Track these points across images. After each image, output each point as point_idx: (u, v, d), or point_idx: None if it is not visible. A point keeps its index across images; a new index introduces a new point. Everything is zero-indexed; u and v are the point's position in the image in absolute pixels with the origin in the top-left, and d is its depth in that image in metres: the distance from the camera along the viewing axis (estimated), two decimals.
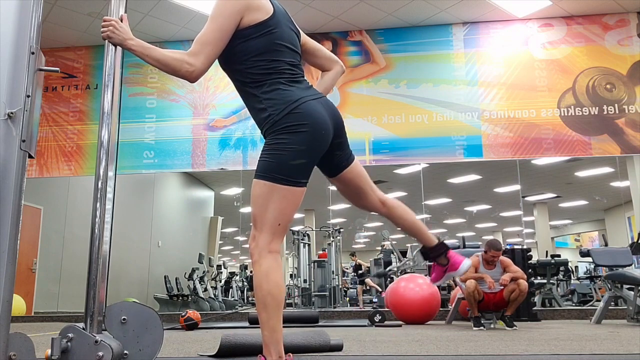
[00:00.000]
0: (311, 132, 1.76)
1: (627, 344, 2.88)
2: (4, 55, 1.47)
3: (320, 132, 1.79)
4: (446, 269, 2.10)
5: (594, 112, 6.78)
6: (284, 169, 1.74)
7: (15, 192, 1.44)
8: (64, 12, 6.80)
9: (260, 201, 1.76)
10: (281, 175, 1.74)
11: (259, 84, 1.81)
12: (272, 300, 1.70)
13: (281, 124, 1.76)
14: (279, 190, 1.74)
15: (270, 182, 1.74)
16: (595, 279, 9.23)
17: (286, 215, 1.77)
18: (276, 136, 1.76)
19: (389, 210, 2.07)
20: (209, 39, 1.75)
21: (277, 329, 1.71)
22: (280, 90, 1.80)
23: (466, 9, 6.89)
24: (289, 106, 1.77)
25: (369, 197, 2.05)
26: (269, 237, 1.75)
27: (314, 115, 1.78)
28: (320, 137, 1.79)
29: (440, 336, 3.63)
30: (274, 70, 1.82)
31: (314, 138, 1.77)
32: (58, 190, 8.82)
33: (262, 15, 1.82)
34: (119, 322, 1.73)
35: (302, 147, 1.75)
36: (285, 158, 1.74)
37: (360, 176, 2.03)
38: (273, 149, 1.76)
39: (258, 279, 1.72)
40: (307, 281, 9.47)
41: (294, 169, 1.75)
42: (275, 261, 1.75)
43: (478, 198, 13.03)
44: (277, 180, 1.74)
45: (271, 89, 1.80)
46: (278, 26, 1.86)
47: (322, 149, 1.82)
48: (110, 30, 1.79)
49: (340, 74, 2.15)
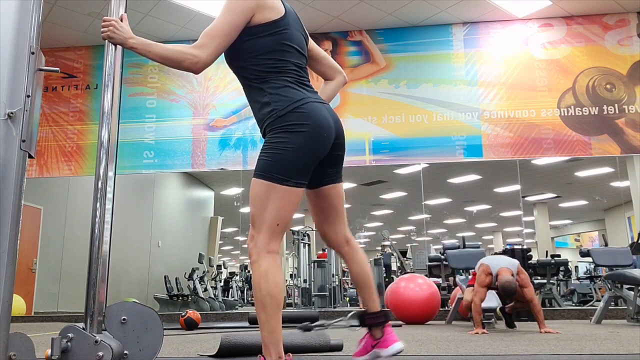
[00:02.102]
0: (313, 132, 1.75)
1: (627, 344, 2.88)
2: (4, 55, 1.47)
3: (322, 135, 1.78)
4: (376, 344, 1.91)
5: (594, 112, 6.78)
6: (283, 169, 1.72)
7: (15, 192, 1.43)
8: (64, 12, 6.80)
9: (259, 201, 1.74)
10: (280, 175, 1.72)
11: (265, 81, 1.81)
12: (271, 300, 1.69)
13: (283, 121, 1.75)
14: (278, 190, 1.73)
15: (269, 182, 1.73)
16: (595, 279, 9.24)
17: (285, 216, 1.76)
18: (277, 134, 1.75)
19: (350, 250, 1.97)
20: (218, 33, 1.75)
21: (276, 329, 1.70)
22: (286, 88, 1.79)
23: (466, 9, 6.89)
24: (293, 104, 1.76)
25: (338, 226, 1.97)
26: (267, 237, 1.74)
27: (317, 117, 1.77)
28: (322, 139, 1.78)
29: (440, 336, 3.63)
30: (281, 69, 1.82)
31: (315, 139, 1.76)
32: (58, 190, 8.82)
33: (274, 15, 1.82)
34: (119, 322, 1.73)
35: (302, 147, 1.73)
36: (285, 157, 1.72)
37: (340, 198, 1.98)
38: (273, 148, 1.74)
39: (257, 280, 1.71)
40: (307, 281, 9.47)
41: (293, 169, 1.73)
42: (274, 261, 1.74)
43: (478, 198, 13.03)
44: (276, 180, 1.72)
45: (277, 85, 1.80)
46: (288, 27, 1.86)
47: (322, 152, 1.80)
48: (111, 30, 1.79)
49: (343, 85, 2.14)
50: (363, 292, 1.96)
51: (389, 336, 1.91)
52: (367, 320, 1.93)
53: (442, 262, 6.87)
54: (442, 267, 6.93)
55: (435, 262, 7.08)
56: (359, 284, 1.96)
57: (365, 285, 1.95)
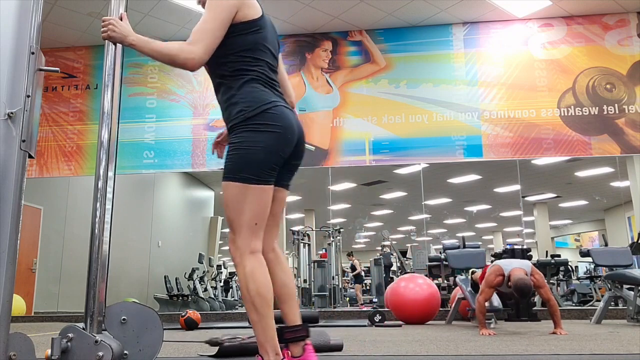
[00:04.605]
0: (282, 133, 1.78)
1: (627, 344, 2.88)
2: (4, 55, 1.47)
3: (289, 137, 1.81)
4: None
5: (594, 112, 6.78)
6: (253, 168, 1.74)
7: (15, 192, 1.43)
8: (64, 12, 6.80)
9: (235, 204, 1.75)
10: (252, 175, 1.74)
11: (238, 78, 1.82)
12: (261, 300, 1.69)
13: (252, 121, 1.76)
14: (252, 190, 1.74)
15: (242, 183, 1.74)
16: (595, 279, 9.23)
17: (262, 214, 1.77)
18: (244, 133, 1.76)
19: (275, 258, 1.90)
20: (208, 28, 1.76)
21: (269, 326, 1.70)
22: (256, 89, 1.82)
23: (466, 9, 6.88)
24: (263, 105, 1.78)
25: (270, 231, 1.91)
26: (248, 237, 1.74)
27: (286, 120, 1.80)
28: (289, 141, 1.81)
29: (440, 336, 3.63)
30: (255, 68, 1.84)
31: (283, 140, 1.78)
32: (58, 190, 8.82)
33: (254, 14, 1.86)
34: (119, 322, 1.73)
35: (271, 147, 1.75)
36: (255, 157, 1.74)
37: (282, 205, 1.96)
38: (241, 148, 1.75)
39: (244, 281, 1.71)
40: (307, 281, 9.47)
41: (263, 168, 1.75)
42: (258, 260, 1.74)
43: (478, 198, 13.03)
44: (248, 180, 1.74)
45: (248, 85, 1.82)
46: (265, 28, 1.90)
47: (286, 154, 1.82)
48: (110, 29, 1.79)
49: None
50: (284, 304, 1.85)
51: (309, 355, 1.77)
52: (285, 334, 1.77)
53: (442, 262, 6.87)
54: (442, 267, 6.92)
55: (435, 262, 7.08)
56: (281, 295, 1.85)
57: (288, 297, 1.86)
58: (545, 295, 3.98)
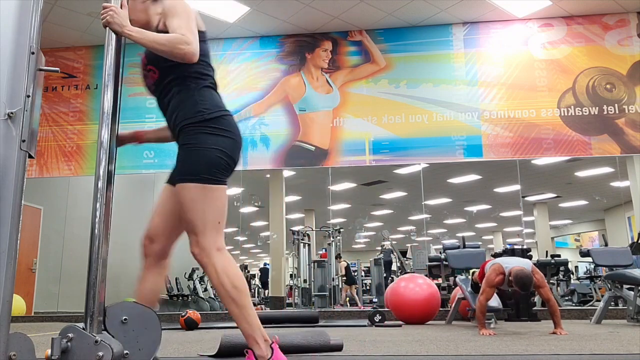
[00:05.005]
0: (237, 141, 1.85)
1: (627, 344, 2.88)
2: (4, 55, 1.47)
3: (240, 146, 1.87)
4: None
5: (594, 112, 6.78)
6: (213, 169, 1.77)
7: (15, 192, 1.43)
8: (64, 12, 6.80)
9: (198, 205, 1.76)
10: (209, 175, 1.77)
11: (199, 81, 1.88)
12: (237, 292, 1.73)
13: (211, 124, 1.80)
14: (212, 190, 1.77)
15: (202, 184, 1.76)
16: (595, 279, 9.24)
17: (224, 212, 1.82)
18: (201, 135, 1.78)
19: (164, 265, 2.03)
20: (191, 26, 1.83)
21: (252, 316, 1.73)
22: (216, 96, 1.91)
23: (466, 9, 6.88)
24: (221, 111, 1.85)
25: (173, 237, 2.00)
26: (213, 237, 1.77)
27: (237, 130, 1.88)
28: (240, 150, 1.87)
29: (440, 336, 3.63)
30: (210, 74, 1.93)
31: (237, 147, 1.85)
32: (58, 190, 8.81)
33: (202, 25, 1.95)
34: (119, 322, 1.73)
35: (227, 150, 1.80)
36: (214, 158, 1.77)
37: None
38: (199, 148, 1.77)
39: (217, 279, 1.74)
40: (307, 281, 9.47)
41: (220, 168, 1.78)
42: (226, 256, 1.78)
43: (478, 198, 13.03)
44: (208, 180, 1.76)
45: (207, 90, 1.89)
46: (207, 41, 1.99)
47: (238, 161, 1.88)
48: (110, 15, 1.80)
49: None
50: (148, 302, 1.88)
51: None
52: None
53: (442, 262, 6.86)
54: (442, 267, 6.92)
55: (435, 262, 7.07)
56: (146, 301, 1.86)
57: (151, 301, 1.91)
58: (545, 295, 3.97)
